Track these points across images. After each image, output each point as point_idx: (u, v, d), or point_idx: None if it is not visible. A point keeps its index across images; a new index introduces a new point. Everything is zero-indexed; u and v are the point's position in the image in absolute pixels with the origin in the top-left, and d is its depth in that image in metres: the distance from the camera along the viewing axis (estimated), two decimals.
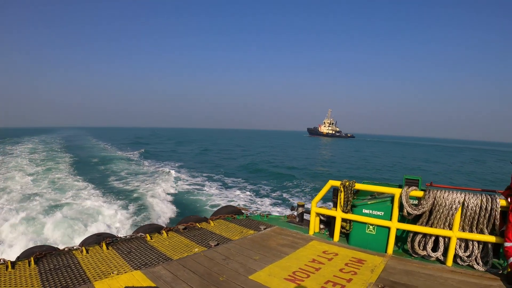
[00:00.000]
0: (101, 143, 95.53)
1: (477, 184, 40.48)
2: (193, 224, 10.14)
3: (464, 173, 54.96)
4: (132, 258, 7.47)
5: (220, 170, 44.84)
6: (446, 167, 63.90)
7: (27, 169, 38.63)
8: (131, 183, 32.17)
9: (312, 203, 9.53)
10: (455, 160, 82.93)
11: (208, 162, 56.30)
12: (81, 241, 8.90)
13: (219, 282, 6.13)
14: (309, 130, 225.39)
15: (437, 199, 7.33)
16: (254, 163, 55.98)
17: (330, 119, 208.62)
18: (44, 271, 6.64)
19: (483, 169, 63.86)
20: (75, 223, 17.45)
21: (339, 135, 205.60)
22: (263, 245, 8.45)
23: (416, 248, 7.60)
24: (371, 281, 6.22)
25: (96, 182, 31.85)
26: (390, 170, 55.16)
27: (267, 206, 25.21)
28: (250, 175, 41.42)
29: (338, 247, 8.36)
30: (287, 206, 24.63)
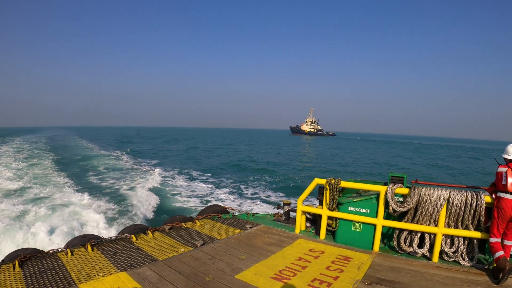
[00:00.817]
0: (86, 143, 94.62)
1: (463, 181, 40.89)
2: (179, 224, 10.06)
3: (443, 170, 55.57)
4: (117, 259, 7.38)
5: (206, 169, 44.80)
6: (421, 164, 65.10)
7: (9, 169, 38.35)
8: (115, 183, 31.93)
9: (298, 202, 9.49)
10: (426, 157, 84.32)
11: (194, 161, 56.11)
12: (66, 243, 8.79)
13: (205, 282, 6.07)
14: (291, 128, 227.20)
15: (422, 196, 7.38)
16: (239, 161, 56.16)
17: (312, 118, 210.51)
18: (29, 274, 6.54)
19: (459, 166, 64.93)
20: (59, 225, 17.28)
21: (321, 134, 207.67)
22: (249, 244, 8.41)
23: (402, 244, 7.63)
24: (358, 278, 6.21)
25: (80, 182, 31.50)
26: (363, 167, 56.24)
27: (253, 205, 25.20)
28: (236, 173, 41.44)
29: (325, 245, 8.35)
30: (273, 205, 24.65)
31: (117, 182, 31.98)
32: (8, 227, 17.13)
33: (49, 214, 19.21)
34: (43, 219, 18.19)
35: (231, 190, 31.24)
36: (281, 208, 11.07)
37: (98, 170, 40.29)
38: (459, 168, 59.68)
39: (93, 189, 28.74)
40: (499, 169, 6.62)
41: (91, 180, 33.83)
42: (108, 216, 19.76)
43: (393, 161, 68.83)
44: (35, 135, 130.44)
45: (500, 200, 6.44)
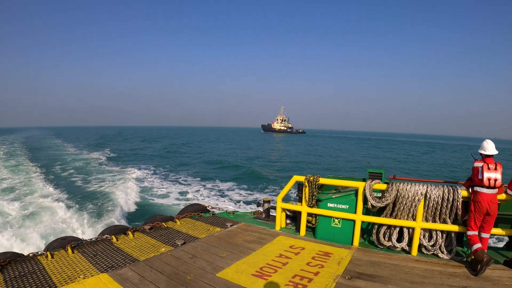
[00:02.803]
0: (63, 143, 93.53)
1: (439, 176, 41.51)
2: (159, 224, 9.99)
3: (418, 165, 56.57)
4: (98, 261, 7.29)
5: (185, 168, 44.81)
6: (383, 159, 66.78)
7: None
8: (95, 183, 31.55)
9: (278, 199, 9.48)
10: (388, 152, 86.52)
11: (172, 160, 56.02)
12: (46, 246, 8.70)
13: (186, 281, 6.03)
14: (263, 126, 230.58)
15: (400, 191, 7.44)
16: (217, 159, 56.55)
17: (283, 116, 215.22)
18: (9, 278, 6.42)
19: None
20: (37, 227, 17.10)
21: (291, 131, 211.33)
22: (230, 242, 8.38)
23: (382, 239, 7.68)
24: (338, 273, 6.23)
25: (57, 184, 30.96)
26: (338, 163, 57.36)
27: (233, 203, 25.21)
28: (214, 172, 41.54)
29: (305, 241, 8.36)
30: (253, 203, 24.69)
31: (96, 183, 31.66)
32: None
33: (27, 217, 18.98)
34: (21, 222, 17.97)
35: (211, 189, 31.28)
36: (261, 206, 11.05)
37: (77, 171, 39.82)
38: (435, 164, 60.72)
39: (71, 190, 28.39)
40: (475, 164, 6.73)
41: (69, 181, 33.43)
42: (88, 218, 19.56)
43: (363, 156, 70.02)
44: (12, 136, 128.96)
45: (477, 194, 6.54)
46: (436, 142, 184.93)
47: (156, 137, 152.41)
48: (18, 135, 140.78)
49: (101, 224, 18.21)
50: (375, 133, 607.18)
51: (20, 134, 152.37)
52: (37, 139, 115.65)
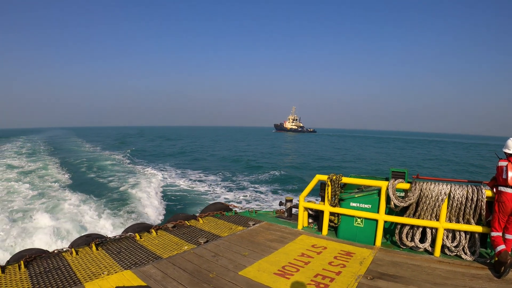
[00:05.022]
0: (87, 144, 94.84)
1: (463, 176, 41.00)
2: (182, 222, 10.15)
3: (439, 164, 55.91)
4: (122, 258, 7.47)
5: (207, 167, 44.91)
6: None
7: (11, 169, 38.62)
8: (118, 183, 31.83)
9: (300, 198, 9.55)
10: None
11: (192, 159, 56.40)
12: (71, 243, 8.88)
13: (209, 279, 6.14)
14: (275, 126, 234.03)
15: (424, 191, 7.40)
16: (238, 158, 56.56)
17: (294, 115, 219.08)
18: (34, 274, 6.62)
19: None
20: (63, 225, 17.36)
21: (301, 130, 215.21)
22: (252, 241, 8.48)
23: (404, 239, 7.67)
24: (360, 273, 6.27)
25: (82, 182, 31.62)
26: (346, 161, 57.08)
27: (256, 202, 25.22)
28: (237, 171, 41.44)
29: (327, 240, 8.41)
30: (276, 202, 24.65)
31: (119, 182, 31.92)
32: (12, 228, 17.25)
33: (52, 215, 19.28)
34: (47, 219, 18.26)
35: (233, 188, 31.30)
36: (283, 205, 11.13)
37: (100, 170, 40.29)
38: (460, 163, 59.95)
39: (94, 188, 28.77)
40: (499, 163, 6.66)
41: (93, 180, 33.85)
42: (112, 216, 19.82)
43: (377, 156, 69.39)
44: (37, 136, 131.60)
45: (501, 194, 6.48)
46: (456, 141, 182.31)
47: (176, 136, 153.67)
48: (42, 135, 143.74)
49: (125, 222, 18.42)
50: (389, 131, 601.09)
51: (45, 134, 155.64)
52: (60, 138, 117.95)
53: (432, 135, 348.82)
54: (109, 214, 20.10)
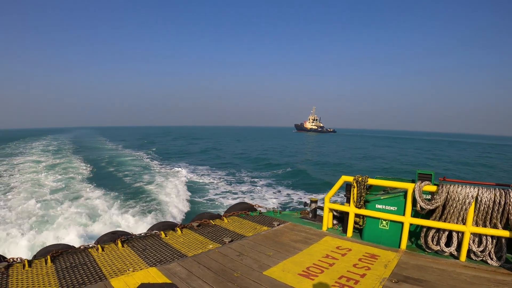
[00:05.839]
0: (112, 143, 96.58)
1: (491, 179, 40.40)
2: (207, 221, 10.28)
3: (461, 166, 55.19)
4: (147, 255, 7.63)
5: (231, 166, 45.49)
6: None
7: (38, 166, 39.63)
8: (143, 182, 32.39)
9: (325, 199, 9.55)
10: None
11: (216, 158, 57.02)
12: (97, 239, 9.08)
13: (233, 278, 6.23)
14: (296, 126, 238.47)
15: (450, 193, 7.31)
16: (262, 158, 56.85)
17: (314, 116, 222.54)
18: (60, 269, 6.81)
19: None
20: (89, 221, 17.67)
21: (321, 130, 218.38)
22: (277, 241, 8.54)
23: (430, 243, 7.62)
24: (385, 276, 6.28)
25: (107, 181, 32.34)
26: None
27: (280, 202, 25.27)
28: (261, 171, 41.83)
29: (352, 242, 8.42)
30: (300, 202, 24.69)
31: (144, 181, 32.48)
32: (38, 223, 17.62)
33: (78, 211, 19.62)
34: (73, 216, 18.58)
35: (258, 188, 31.62)
36: (308, 206, 11.16)
37: (125, 169, 41.08)
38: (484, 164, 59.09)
39: (120, 187, 29.31)
40: None
41: (117, 178, 34.54)
42: (137, 213, 20.11)
43: (400, 156, 68.95)
44: (63, 135, 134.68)
45: None
46: (478, 141, 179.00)
47: (200, 136, 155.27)
48: (68, 134, 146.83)
49: (150, 220, 18.64)
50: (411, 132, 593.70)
51: (71, 133, 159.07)
52: (86, 137, 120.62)
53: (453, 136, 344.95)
54: (134, 212, 20.43)
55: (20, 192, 27.16)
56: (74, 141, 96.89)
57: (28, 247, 14.93)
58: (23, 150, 67.80)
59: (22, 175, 35.72)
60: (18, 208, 22.19)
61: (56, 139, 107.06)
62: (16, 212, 21.25)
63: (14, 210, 21.50)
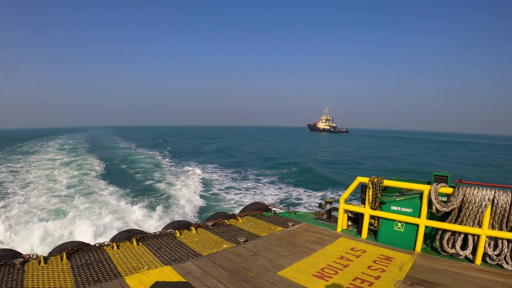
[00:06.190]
0: (126, 142, 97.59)
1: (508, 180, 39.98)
2: (221, 221, 10.35)
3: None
4: (162, 253, 7.71)
5: (244, 166, 45.68)
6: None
7: (53, 164, 40.24)
8: (157, 181, 32.66)
9: (340, 200, 9.54)
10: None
11: (230, 158, 57.31)
12: (112, 237, 9.19)
13: (248, 278, 6.28)
14: (309, 126, 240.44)
15: (467, 196, 7.25)
16: (275, 159, 56.89)
17: (327, 116, 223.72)
18: (76, 266, 6.92)
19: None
20: (104, 220, 17.85)
21: (334, 130, 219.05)
22: (291, 241, 8.59)
23: (445, 246, 7.57)
24: (399, 278, 6.29)
25: (121, 179, 32.66)
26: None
27: (295, 203, 25.27)
28: (275, 171, 41.88)
29: (366, 244, 8.42)
30: (315, 203, 24.68)
31: (158, 180, 32.74)
32: (54, 220, 17.85)
33: (93, 210, 19.83)
34: (88, 214, 18.79)
35: (260, 185, 32.08)
36: (323, 207, 11.17)
37: (140, 168, 41.51)
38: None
39: (134, 186, 29.61)
40: None
41: (132, 177, 34.90)
42: (152, 212, 20.27)
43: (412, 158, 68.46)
44: (79, 134, 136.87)
45: None
46: (491, 142, 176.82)
47: (214, 135, 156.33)
48: (84, 134, 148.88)
49: (165, 219, 18.78)
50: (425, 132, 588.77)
51: (87, 132, 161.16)
52: (100, 137, 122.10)
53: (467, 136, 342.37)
54: (149, 211, 20.58)
55: (36, 187, 28.19)
56: (89, 140, 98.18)
57: (43, 240, 15.19)
58: (39, 149, 70.16)
59: (38, 171, 37.01)
60: (33, 202, 23.00)
61: (72, 138, 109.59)
62: (31, 205, 22.00)
63: (29, 204, 22.21)
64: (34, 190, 27.33)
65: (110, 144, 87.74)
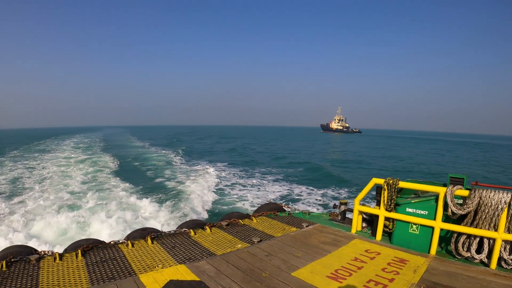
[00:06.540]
0: (140, 142, 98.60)
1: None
2: (236, 221, 10.41)
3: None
4: (176, 252, 7.79)
5: (258, 166, 45.90)
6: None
7: (68, 164, 40.84)
8: (171, 180, 32.89)
9: (355, 201, 9.52)
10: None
11: (244, 158, 57.43)
12: (126, 235, 9.28)
13: (261, 278, 6.33)
14: (322, 126, 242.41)
15: (483, 198, 7.18)
16: (289, 159, 57.12)
17: (340, 116, 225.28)
18: (91, 263, 7.04)
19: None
20: (119, 219, 18.00)
21: (347, 131, 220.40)
22: (305, 242, 8.61)
23: (460, 249, 7.51)
24: (414, 281, 6.27)
25: (136, 178, 32.96)
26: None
27: (309, 204, 25.26)
28: (290, 171, 41.96)
29: (381, 246, 8.42)
30: (329, 204, 24.67)
31: (172, 180, 32.98)
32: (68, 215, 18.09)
33: (108, 208, 20.03)
34: (100, 209, 18.99)
35: (277, 185, 32.16)
36: (337, 208, 11.17)
37: (154, 167, 41.89)
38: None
39: (149, 185, 29.97)
40: None
41: (146, 176, 35.25)
42: (166, 211, 20.44)
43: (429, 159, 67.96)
44: (94, 133, 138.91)
45: None
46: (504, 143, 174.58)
47: (228, 135, 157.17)
48: (99, 133, 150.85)
49: (179, 218, 18.91)
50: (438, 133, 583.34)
51: (102, 132, 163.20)
52: (115, 136, 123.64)
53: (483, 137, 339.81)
54: (163, 210, 20.78)
55: (51, 183, 29.03)
56: (104, 139, 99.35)
57: (58, 235, 15.40)
58: (55, 147, 72.16)
59: (54, 167, 38.00)
60: (49, 197, 23.61)
61: (87, 137, 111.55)
62: (47, 201, 22.55)
63: (45, 200, 22.71)
64: (50, 186, 28.14)
65: (124, 143, 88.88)
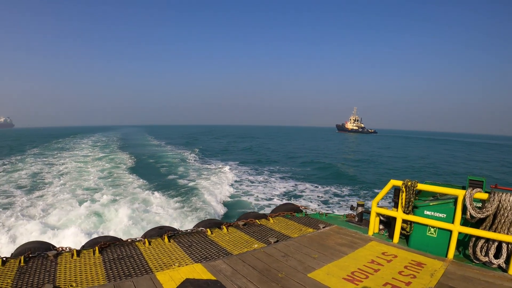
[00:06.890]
0: (157, 141, 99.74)
1: None
2: (252, 221, 10.46)
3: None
4: (193, 251, 7.87)
5: (275, 166, 46.08)
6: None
7: (85, 164, 41.53)
8: (188, 179, 33.13)
9: (373, 203, 9.49)
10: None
11: (261, 158, 57.48)
12: (144, 233, 9.39)
13: (278, 279, 6.36)
14: (337, 126, 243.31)
15: (502, 202, 7.09)
16: (306, 159, 57.27)
17: (355, 116, 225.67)
18: (108, 260, 7.17)
19: None
20: (136, 216, 18.17)
21: (362, 131, 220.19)
22: (322, 243, 8.62)
23: (478, 253, 7.42)
24: (430, 285, 6.24)
25: (153, 177, 33.27)
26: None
27: (326, 205, 25.24)
28: (306, 172, 42.00)
29: (398, 249, 8.39)
30: (345, 205, 24.63)
31: (189, 179, 33.23)
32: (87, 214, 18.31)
33: (126, 206, 20.24)
34: (120, 210, 19.21)
35: (272, 179, 33.18)
36: (354, 209, 11.16)
37: (171, 166, 42.27)
38: None
39: (166, 184, 30.25)
40: None
41: (164, 175, 35.57)
42: (183, 211, 20.60)
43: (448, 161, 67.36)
44: (112, 132, 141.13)
45: None
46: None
47: (245, 135, 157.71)
48: (116, 132, 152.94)
49: (196, 217, 19.04)
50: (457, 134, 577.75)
51: (120, 131, 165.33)
52: (132, 135, 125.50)
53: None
54: (181, 209, 20.97)
55: (70, 178, 29.99)
56: (122, 139, 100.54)
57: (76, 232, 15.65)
58: (73, 145, 73.84)
59: (72, 163, 39.16)
60: (67, 191, 24.49)
61: (105, 136, 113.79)
62: (65, 193, 23.49)
63: (64, 195, 23.24)
64: (68, 180, 28.85)
65: (141, 142, 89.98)
